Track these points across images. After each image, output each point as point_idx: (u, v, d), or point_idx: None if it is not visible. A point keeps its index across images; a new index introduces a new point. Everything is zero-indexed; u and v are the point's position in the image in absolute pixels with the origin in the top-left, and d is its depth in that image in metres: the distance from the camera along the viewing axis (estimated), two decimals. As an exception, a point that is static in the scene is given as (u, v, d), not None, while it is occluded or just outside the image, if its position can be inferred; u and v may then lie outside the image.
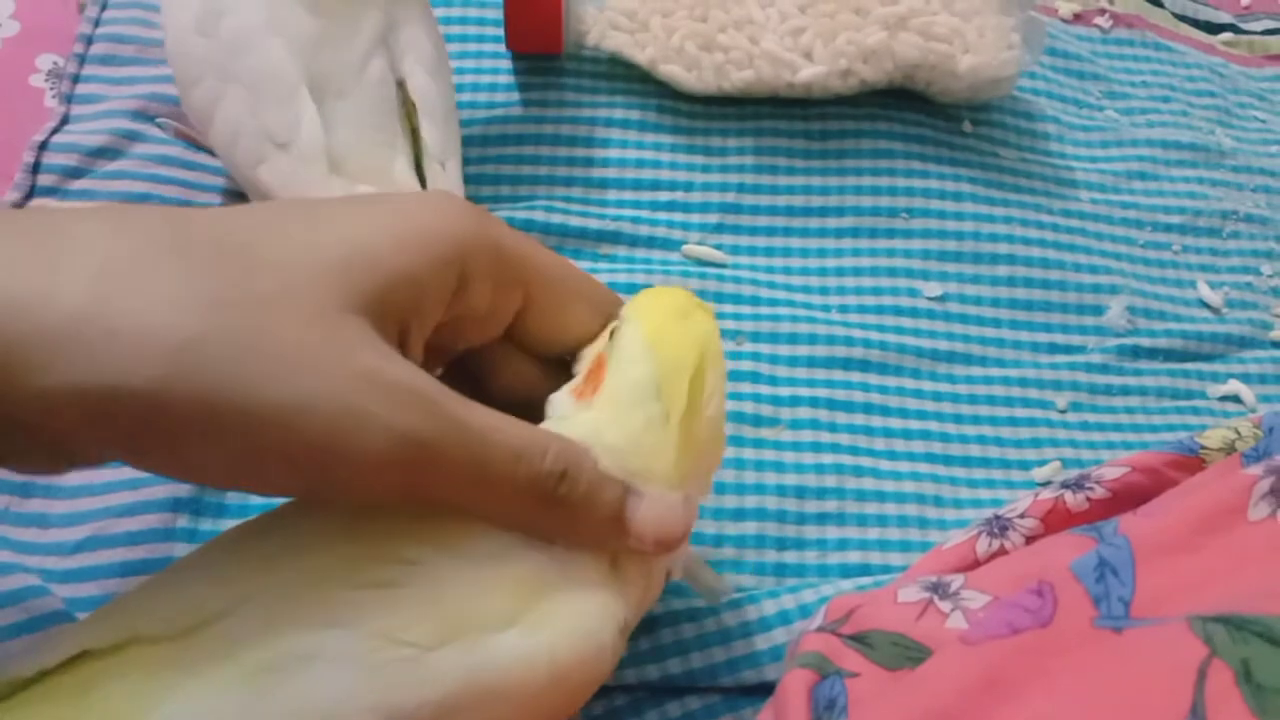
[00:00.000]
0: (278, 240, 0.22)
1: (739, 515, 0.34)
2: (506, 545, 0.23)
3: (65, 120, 0.38)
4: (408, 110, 0.35)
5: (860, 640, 0.25)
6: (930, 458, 0.37)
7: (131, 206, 0.23)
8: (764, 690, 0.31)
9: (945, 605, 0.26)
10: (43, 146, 0.37)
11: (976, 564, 0.30)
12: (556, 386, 0.27)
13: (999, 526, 0.31)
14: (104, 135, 0.38)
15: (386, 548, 0.23)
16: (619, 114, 0.43)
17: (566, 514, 0.24)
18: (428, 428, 0.22)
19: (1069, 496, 0.31)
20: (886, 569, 0.34)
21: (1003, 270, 0.42)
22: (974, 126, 0.45)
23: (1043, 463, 0.38)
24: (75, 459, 0.22)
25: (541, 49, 0.42)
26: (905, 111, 0.44)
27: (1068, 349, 0.41)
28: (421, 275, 0.23)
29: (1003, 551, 0.30)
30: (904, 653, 0.24)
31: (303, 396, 0.20)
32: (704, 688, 0.31)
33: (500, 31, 0.42)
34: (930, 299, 0.41)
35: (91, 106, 0.39)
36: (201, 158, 0.39)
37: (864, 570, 0.34)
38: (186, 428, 0.20)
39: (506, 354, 0.28)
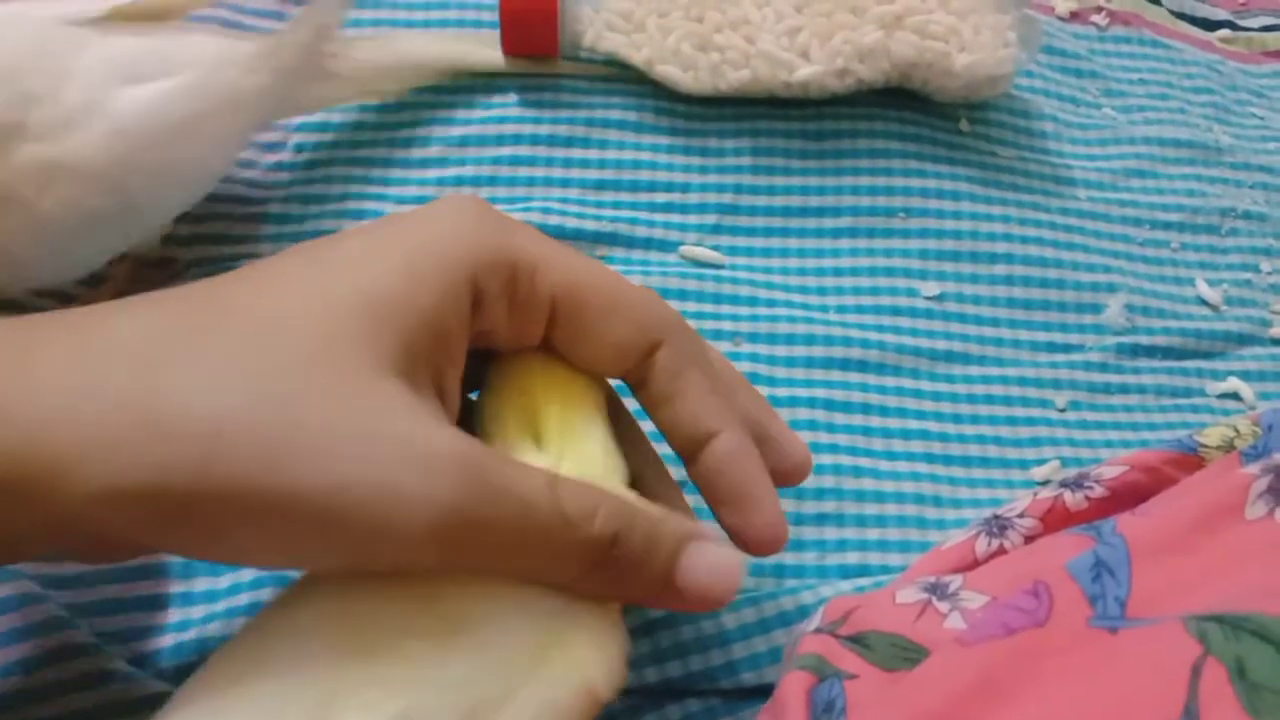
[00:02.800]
0: (299, 300, 0.22)
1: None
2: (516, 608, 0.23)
3: None
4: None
5: (858, 641, 0.25)
6: (929, 458, 0.37)
7: (158, 293, 0.23)
8: (764, 692, 0.31)
9: (944, 606, 0.26)
10: None
11: (976, 564, 0.30)
12: None
13: (998, 526, 0.30)
14: None
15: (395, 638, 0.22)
16: (615, 115, 0.43)
17: (617, 575, 0.23)
18: (469, 501, 0.21)
19: (1068, 496, 0.31)
20: (886, 569, 0.34)
21: (1001, 269, 0.42)
22: (971, 125, 0.45)
23: (1042, 462, 0.38)
24: (114, 554, 0.23)
25: (537, 51, 0.42)
26: (902, 110, 0.44)
27: (1066, 348, 0.41)
28: (444, 310, 0.23)
29: (1002, 551, 0.30)
30: (901, 654, 0.24)
31: (337, 476, 0.20)
32: (703, 690, 0.31)
33: (496, 34, 0.42)
34: (928, 298, 0.41)
35: None
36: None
37: (863, 571, 0.34)
38: (223, 518, 0.20)
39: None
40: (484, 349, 0.26)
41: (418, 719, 0.21)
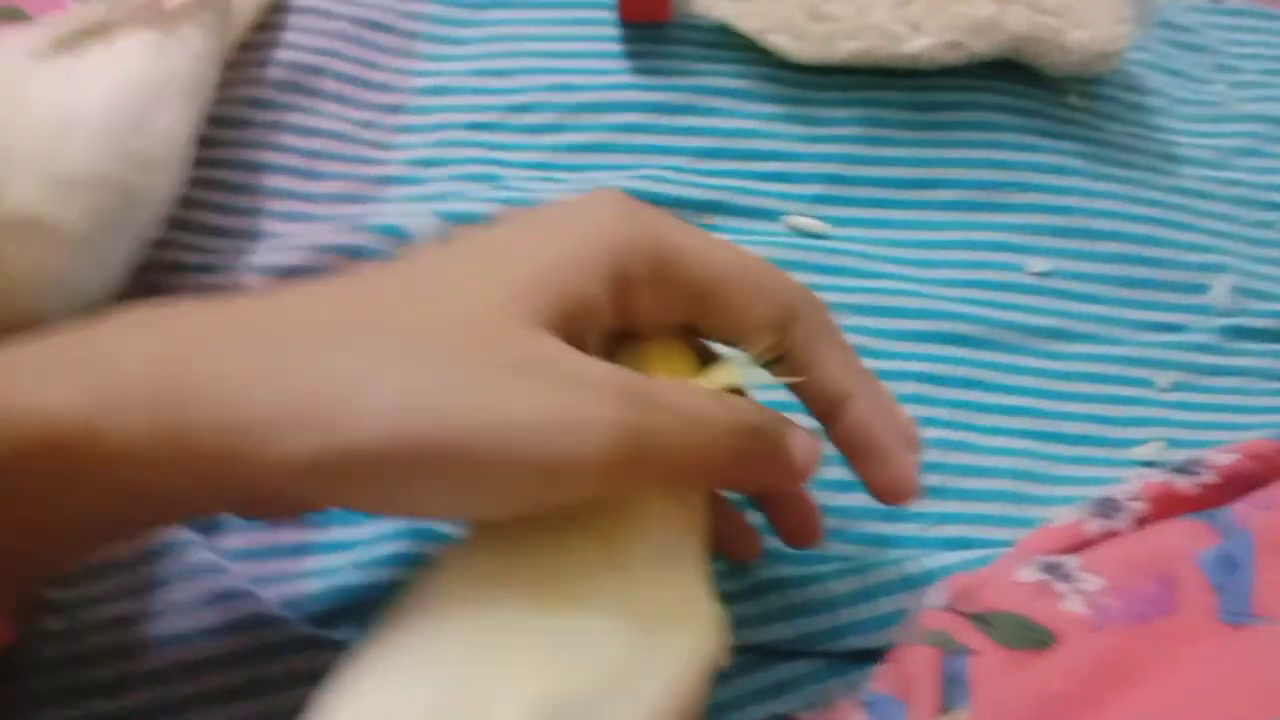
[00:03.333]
0: (457, 279, 0.24)
1: (842, 487, 0.35)
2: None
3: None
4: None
5: (981, 620, 0.26)
6: (1031, 434, 0.38)
7: (322, 282, 0.25)
8: (870, 657, 0.32)
9: (1061, 587, 0.27)
10: None
11: (1084, 544, 0.31)
12: None
13: (1109, 508, 0.31)
14: None
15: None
16: (724, 83, 0.43)
17: (758, 466, 0.25)
18: (644, 420, 0.22)
19: (1178, 480, 0.31)
20: (986, 543, 0.35)
21: (1108, 247, 0.42)
22: (1081, 99, 0.45)
23: (1141, 442, 0.38)
24: (283, 513, 0.25)
25: (651, 17, 0.43)
26: (1012, 83, 0.44)
27: (1170, 327, 0.41)
28: (590, 290, 0.24)
29: (1112, 533, 0.31)
30: (1025, 634, 0.25)
31: (517, 417, 0.22)
32: (811, 652, 0.33)
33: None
34: (1034, 274, 0.41)
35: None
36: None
37: (965, 544, 0.35)
38: (411, 475, 0.22)
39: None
40: (624, 332, 0.28)
41: (565, 685, 0.22)
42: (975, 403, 0.38)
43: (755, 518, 0.32)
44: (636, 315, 0.26)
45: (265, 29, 0.42)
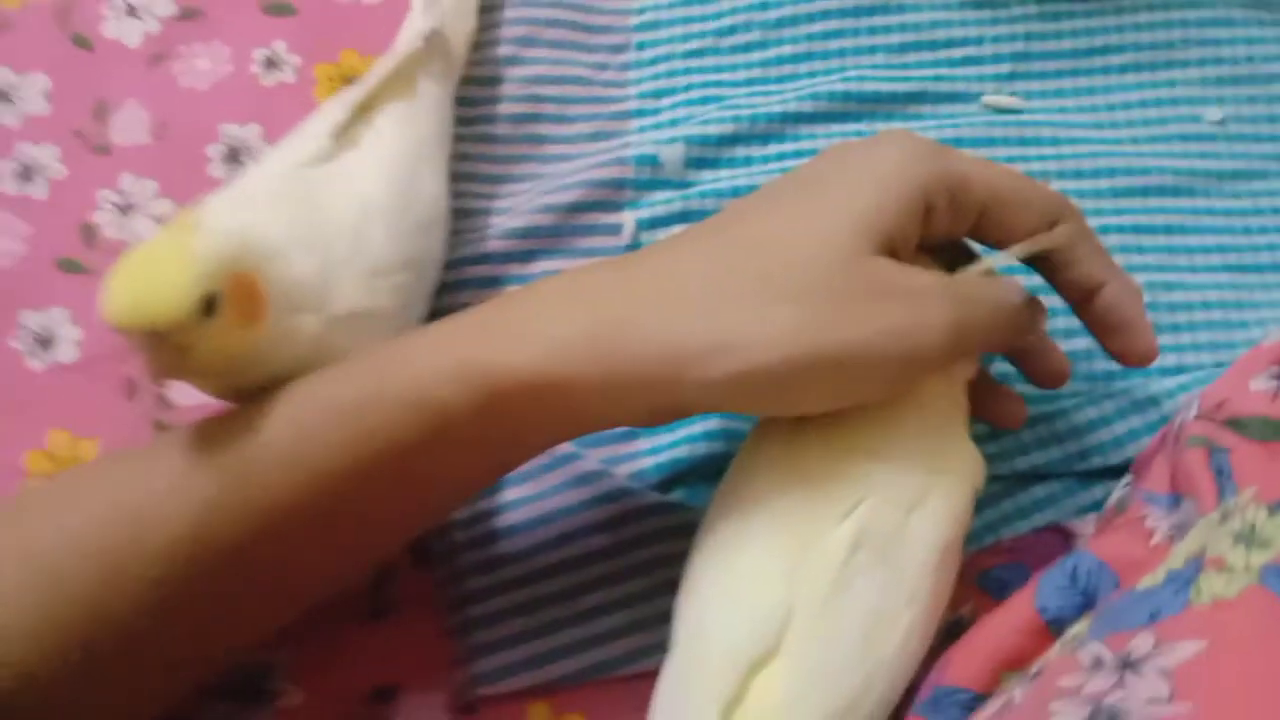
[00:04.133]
0: (800, 223, 0.30)
1: (1069, 334, 0.40)
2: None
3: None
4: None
5: (1233, 424, 0.31)
6: (1229, 268, 0.42)
7: (685, 239, 0.33)
8: (1110, 473, 0.39)
9: (1296, 390, 0.32)
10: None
11: (1296, 356, 0.36)
12: None
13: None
14: None
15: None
16: (911, -20, 0.47)
17: (1031, 328, 0.33)
18: (964, 312, 0.30)
19: None
20: (1200, 367, 0.41)
21: (1277, 89, 0.45)
22: (1239, -51, 0.48)
23: (1331, 265, 0.43)
24: (664, 421, 0.32)
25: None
26: (1173, -56, 0.47)
27: (1344, 157, 0.45)
28: (906, 220, 0.30)
29: (1319, 343, 0.36)
30: (1271, 430, 0.30)
31: (881, 328, 0.29)
32: (1062, 473, 0.39)
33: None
34: (1212, 123, 0.45)
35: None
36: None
37: (1180, 370, 0.41)
38: (805, 382, 0.29)
39: None
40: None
41: (879, 516, 0.30)
42: (1177, 246, 0.43)
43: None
44: (934, 230, 0.32)
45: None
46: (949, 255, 0.35)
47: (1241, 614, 0.23)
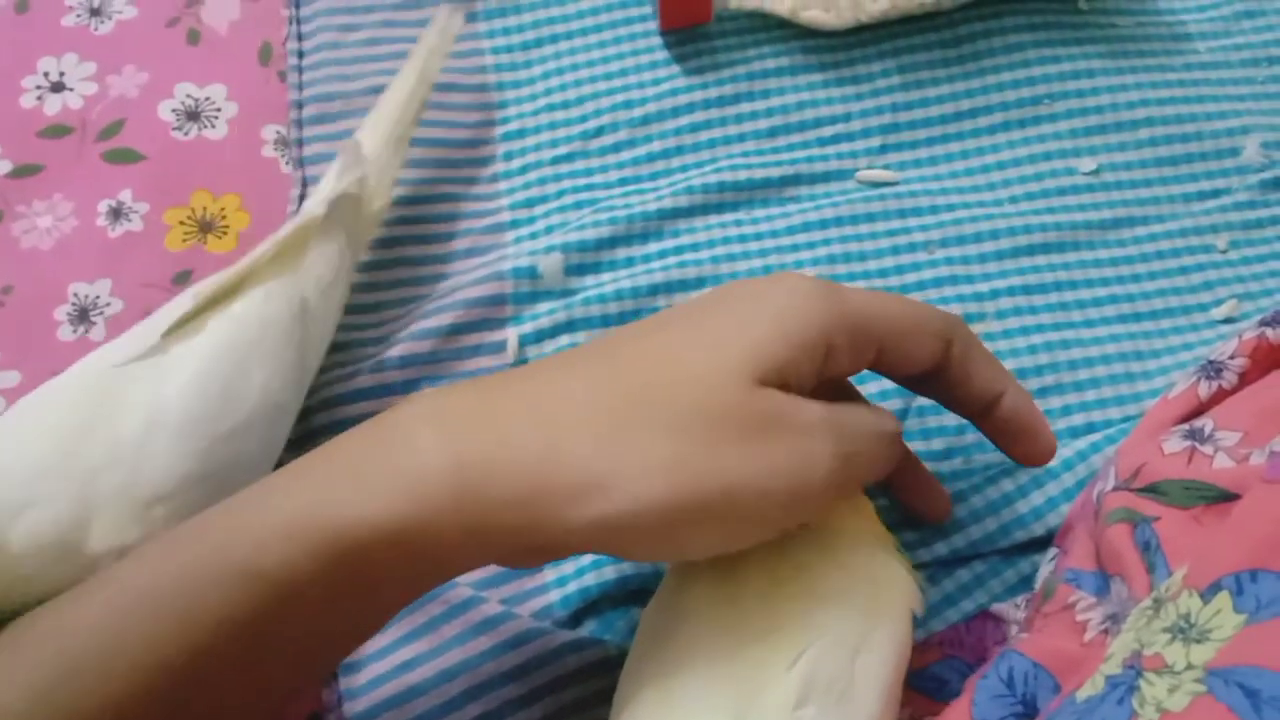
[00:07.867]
0: (688, 353, 0.28)
1: (960, 430, 0.39)
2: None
3: (305, 183, 0.43)
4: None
5: (1153, 490, 0.30)
6: (1123, 318, 0.42)
7: (569, 359, 0.30)
8: (1033, 545, 0.37)
9: (1207, 449, 0.31)
10: (296, 213, 0.42)
11: (1202, 406, 0.35)
12: None
13: (1214, 369, 0.36)
14: None
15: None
16: (771, 64, 0.47)
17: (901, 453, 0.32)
18: (849, 447, 0.28)
19: (1269, 333, 0.35)
20: (1108, 423, 0.40)
21: (1144, 133, 0.46)
22: (1089, 1, 0.48)
23: (1219, 302, 0.42)
24: (543, 561, 0.29)
25: (693, 20, 0.46)
26: (1026, 1, 0.48)
27: (1215, 193, 0.45)
28: (799, 357, 0.28)
29: (1221, 391, 0.35)
30: (1195, 493, 0.29)
31: (766, 465, 0.27)
32: (984, 553, 0.37)
33: (644, 11, 0.46)
34: (1086, 174, 0.45)
35: (321, 166, 0.44)
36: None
37: (1089, 428, 0.40)
38: (685, 524, 0.27)
39: None
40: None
41: (826, 661, 0.28)
42: (1069, 301, 0.42)
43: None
44: (835, 370, 0.30)
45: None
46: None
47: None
